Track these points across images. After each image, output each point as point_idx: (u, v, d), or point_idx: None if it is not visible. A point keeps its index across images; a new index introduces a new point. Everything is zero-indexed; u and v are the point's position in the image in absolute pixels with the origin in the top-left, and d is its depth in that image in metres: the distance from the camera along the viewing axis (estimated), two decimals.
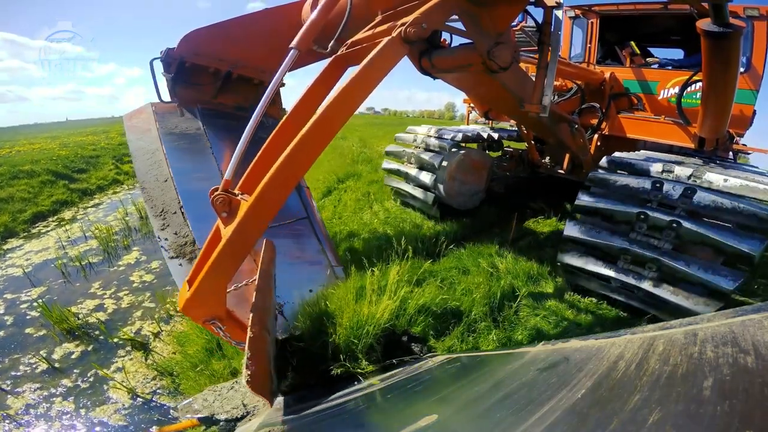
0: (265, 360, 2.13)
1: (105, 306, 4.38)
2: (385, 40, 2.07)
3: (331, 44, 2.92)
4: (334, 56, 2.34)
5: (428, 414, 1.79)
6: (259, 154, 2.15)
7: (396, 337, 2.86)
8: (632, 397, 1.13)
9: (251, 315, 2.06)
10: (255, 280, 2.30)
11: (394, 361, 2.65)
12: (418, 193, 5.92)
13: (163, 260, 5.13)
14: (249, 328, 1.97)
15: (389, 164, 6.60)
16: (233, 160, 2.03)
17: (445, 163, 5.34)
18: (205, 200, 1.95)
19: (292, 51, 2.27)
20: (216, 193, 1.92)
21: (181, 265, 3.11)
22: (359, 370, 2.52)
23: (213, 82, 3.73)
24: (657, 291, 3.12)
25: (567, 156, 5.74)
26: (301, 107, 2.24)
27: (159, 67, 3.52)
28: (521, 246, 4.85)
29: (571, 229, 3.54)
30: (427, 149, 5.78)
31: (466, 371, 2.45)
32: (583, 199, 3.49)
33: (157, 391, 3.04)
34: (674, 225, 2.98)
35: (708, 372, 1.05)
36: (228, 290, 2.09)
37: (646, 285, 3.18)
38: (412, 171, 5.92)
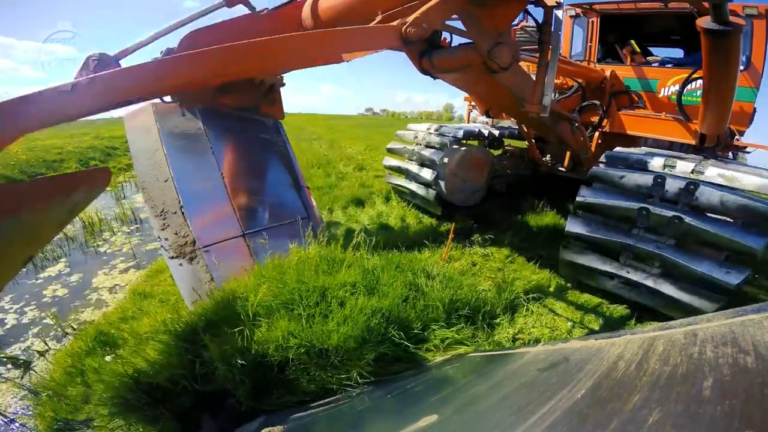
0: None
1: (6, 321, 4.26)
2: (385, 24, 2.08)
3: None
4: None
5: (428, 414, 1.79)
6: None
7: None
8: (632, 397, 1.13)
9: None
10: None
11: None
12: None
13: (84, 273, 5.21)
14: None
15: (391, 178, 6.70)
16: None
17: (441, 180, 5.39)
18: (206, 200, 1.89)
19: None
20: None
21: (181, 264, 3.11)
22: None
23: None
24: (660, 287, 3.07)
25: (568, 154, 5.73)
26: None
27: None
28: (457, 267, 4.16)
29: (573, 226, 3.50)
30: (423, 164, 5.80)
31: (466, 371, 2.45)
32: (585, 195, 3.43)
33: (20, 411, 3.01)
34: (676, 221, 2.94)
35: (708, 372, 1.05)
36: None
37: (649, 281, 3.13)
38: (412, 185, 5.99)
